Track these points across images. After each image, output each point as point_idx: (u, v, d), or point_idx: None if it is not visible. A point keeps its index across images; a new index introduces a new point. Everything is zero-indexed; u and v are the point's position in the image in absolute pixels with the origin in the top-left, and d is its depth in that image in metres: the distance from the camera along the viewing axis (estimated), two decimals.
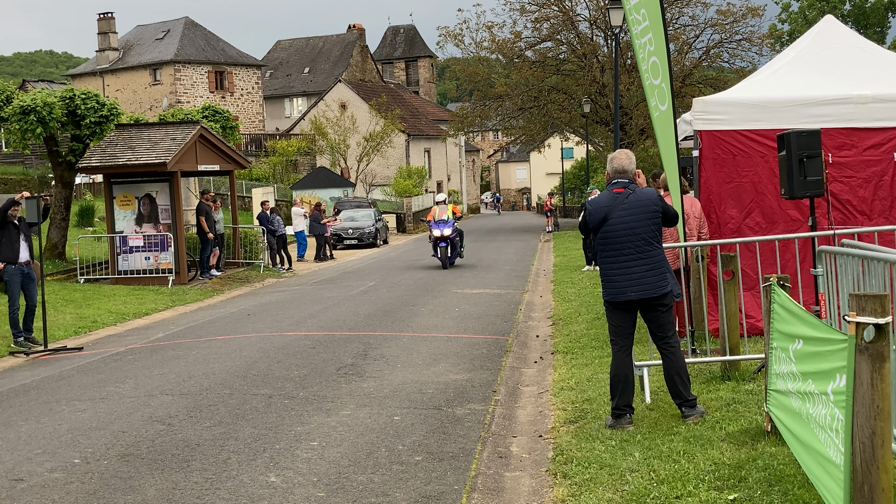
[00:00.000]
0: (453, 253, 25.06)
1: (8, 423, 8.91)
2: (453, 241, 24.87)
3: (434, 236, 24.74)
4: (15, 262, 13.84)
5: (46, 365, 12.46)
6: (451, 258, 24.94)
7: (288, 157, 57.55)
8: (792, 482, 5.64)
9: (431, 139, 73.44)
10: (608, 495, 5.93)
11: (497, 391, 9.57)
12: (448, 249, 24.73)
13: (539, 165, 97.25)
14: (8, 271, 13.86)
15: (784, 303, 5.98)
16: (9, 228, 13.84)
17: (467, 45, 50.79)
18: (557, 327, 13.76)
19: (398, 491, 6.38)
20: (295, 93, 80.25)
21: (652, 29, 9.11)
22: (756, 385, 8.21)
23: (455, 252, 25.20)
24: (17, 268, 13.89)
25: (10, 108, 22.69)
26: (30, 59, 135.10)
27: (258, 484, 6.61)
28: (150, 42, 70.15)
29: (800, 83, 10.80)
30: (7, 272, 13.87)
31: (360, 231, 38.48)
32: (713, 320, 10.02)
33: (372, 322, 14.87)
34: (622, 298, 7.39)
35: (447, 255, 24.65)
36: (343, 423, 8.30)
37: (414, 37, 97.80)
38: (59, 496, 6.50)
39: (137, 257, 22.30)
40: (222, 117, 28.95)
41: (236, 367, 11.27)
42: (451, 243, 24.77)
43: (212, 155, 23.92)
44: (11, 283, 13.90)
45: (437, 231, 24.44)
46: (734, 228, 10.73)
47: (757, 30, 46.61)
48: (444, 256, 24.61)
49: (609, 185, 7.59)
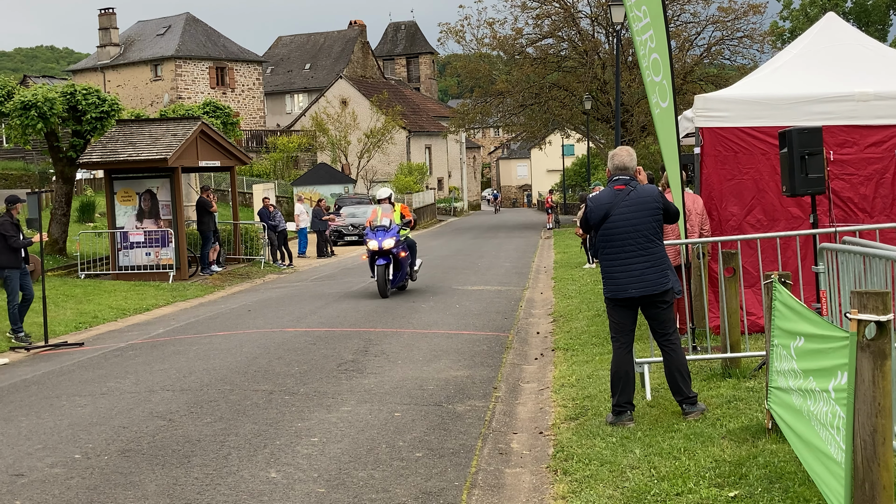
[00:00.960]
0: (398, 274, 17.92)
1: (8, 418, 8.91)
2: (398, 258, 17.78)
3: (369, 249, 17.76)
4: (20, 266, 13.92)
5: (47, 360, 12.46)
6: (393, 281, 17.81)
7: (289, 153, 57.58)
8: (793, 479, 5.63)
9: (432, 136, 73.47)
10: (609, 492, 5.92)
11: (498, 388, 9.57)
12: (390, 269, 17.63)
13: (540, 162, 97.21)
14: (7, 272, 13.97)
15: (785, 300, 5.97)
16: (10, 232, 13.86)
17: (468, 41, 50.85)
18: (558, 324, 13.76)
19: (399, 487, 6.38)
20: (296, 89, 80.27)
21: (653, 26, 9.10)
22: (757, 382, 8.20)
23: (401, 273, 18.03)
24: None
25: (11, 103, 22.68)
26: (31, 54, 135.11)
27: (259, 480, 6.61)
28: (151, 38, 70.17)
29: (801, 80, 10.79)
30: (6, 272, 13.96)
31: (360, 228, 38.49)
32: (714, 317, 10.02)
33: (372, 318, 14.87)
34: (623, 295, 7.38)
35: (386, 277, 17.44)
36: (343, 419, 8.30)
37: (415, 33, 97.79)
38: (60, 491, 6.50)
39: (138, 253, 22.30)
40: (223, 113, 28.94)
41: (237, 363, 11.27)
42: (394, 260, 17.75)
43: (213, 151, 23.91)
44: (12, 279, 13.92)
45: (372, 242, 17.50)
46: (735, 225, 10.72)
47: (758, 27, 46.67)
48: (383, 279, 17.35)
49: (610, 181, 7.58)
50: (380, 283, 17.39)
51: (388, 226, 17.70)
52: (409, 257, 18.30)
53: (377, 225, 17.79)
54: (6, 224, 13.85)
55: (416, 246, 19.09)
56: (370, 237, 17.70)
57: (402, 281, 18.26)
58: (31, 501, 6.33)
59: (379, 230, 17.68)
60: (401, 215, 18.13)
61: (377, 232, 17.67)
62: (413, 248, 18.55)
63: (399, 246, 17.71)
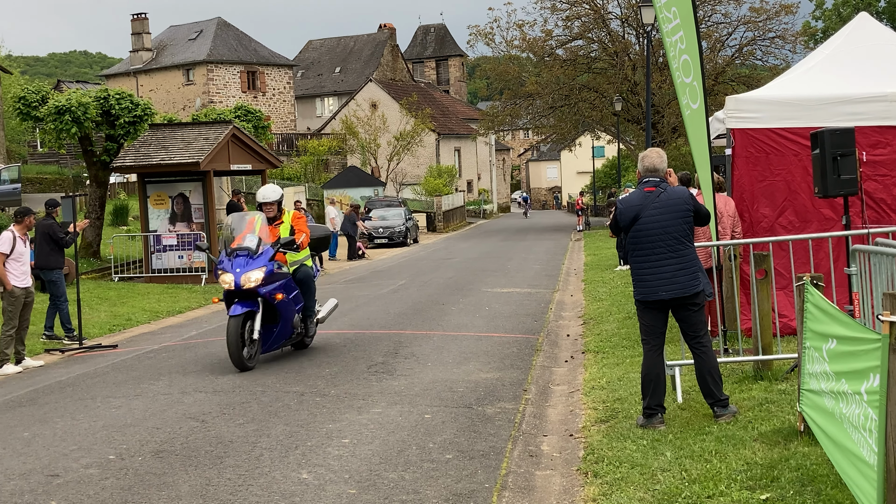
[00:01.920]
0: (275, 330, 11.35)
1: (44, 419, 9.03)
2: (270, 304, 11.13)
3: (224, 289, 11.26)
4: (62, 266, 14.29)
5: (81, 362, 12.60)
6: (267, 343, 11.36)
7: (319, 156, 57.77)
8: (825, 482, 5.60)
9: (462, 138, 73.48)
10: (639, 494, 5.91)
11: (527, 390, 9.57)
12: (256, 322, 11.04)
13: (570, 164, 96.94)
14: (56, 273, 14.34)
15: (817, 302, 5.94)
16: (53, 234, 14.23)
17: (498, 43, 50.75)
18: (588, 326, 13.73)
19: (429, 489, 6.41)
20: (326, 92, 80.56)
21: (683, 27, 9.08)
22: (789, 385, 8.15)
23: (280, 329, 11.40)
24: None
25: (46, 108, 22.96)
26: (64, 59, 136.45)
27: (290, 481, 6.65)
28: (183, 42, 70.70)
29: (833, 81, 10.70)
30: (56, 273, 14.32)
31: (390, 230, 38.61)
32: (746, 320, 9.96)
33: (402, 321, 14.91)
34: (653, 298, 7.36)
35: (244, 335, 10.87)
36: (374, 420, 8.34)
37: (444, 36, 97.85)
38: (95, 492, 6.58)
39: (171, 256, 22.51)
40: (254, 117, 29.14)
41: (268, 364, 11.34)
42: (265, 307, 11.13)
43: (244, 154, 24.08)
44: (59, 283, 14.33)
45: (226, 276, 11.03)
46: (767, 227, 10.65)
47: (790, 27, 46.25)
48: (236, 340, 10.72)
49: (640, 183, 7.57)
50: (231, 347, 10.74)
51: (255, 249, 11.10)
52: (298, 301, 11.69)
53: (240, 246, 11.18)
54: (54, 226, 14.26)
55: (314, 280, 12.21)
56: (224, 266, 11.13)
57: (286, 341, 11.68)
58: (66, 501, 6.41)
59: (239, 253, 11.12)
60: (291, 229, 11.57)
61: (237, 257, 11.11)
62: (308, 283, 11.85)
63: (275, 284, 11.18)
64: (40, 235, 14.21)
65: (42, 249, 14.19)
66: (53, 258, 14.25)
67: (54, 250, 14.21)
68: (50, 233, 14.16)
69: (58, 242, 14.15)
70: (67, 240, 14.24)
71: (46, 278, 14.34)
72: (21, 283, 12.37)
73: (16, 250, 12.30)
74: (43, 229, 14.24)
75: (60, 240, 14.16)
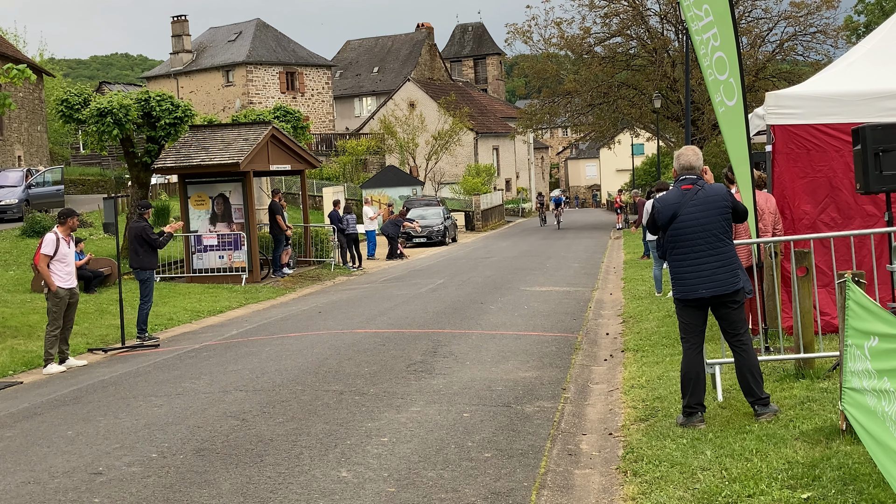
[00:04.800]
0: None
1: (87, 417, 9.15)
2: None
3: None
4: (156, 266, 14.60)
5: (124, 361, 12.75)
6: None
7: (357, 156, 58.04)
8: (867, 481, 5.54)
9: (500, 137, 73.43)
10: (679, 493, 5.88)
11: (566, 389, 9.55)
12: None
13: (609, 162, 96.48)
14: (148, 273, 14.64)
15: (859, 299, 5.88)
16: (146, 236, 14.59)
17: (536, 41, 50.67)
18: (628, 325, 13.67)
19: (468, 487, 6.42)
20: (364, 92, 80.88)
21: (717, 24, 8.99)
22: (831, 383, 8.07)
23: None
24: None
25: (88, 110, 23.23)
26: (106, 61, 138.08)
27: (330, 479, 6.69)
28: (222, 44, 71.31)
29: (875, 76, 10.56)
30: (148, 273, 14.61)
31: (429, 229, 38.67)
32: (787, 317, 9.87)
33: (441, 320, 14.93)
34: (693, 296, 7.31)
35: None
36: (413, 419, 8.36)
37: (482, 34, 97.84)
38: (137, 489, 6.67)
39: (212, 256, 22.69)
40: (293, 117, 29.29)
41: (308, 363, 11.41)
42: None
43: (283, 155, 24.22)
44: (149, 283, 14.61)
45: None
46: (808, 224, 10.54)
47: (832, 22, 45.71)
48: None
49: (676, 181, 7.52)
50: None
51: None
52: None
53: None
54: (146, 227, 14.55)
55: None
56: None
57: None
58: (109, 499, 6.50)
59: None
60: None
61: None
62: None
63: None
64: (133, 237, 14.48)
65: (135, 251, 14.43)
66: (147, 259, 14.55)
67: (148, 251, 14.50)
68: (143, 234, 14.44)
69: (151, 244, 14.41)
70: (161, 241, 14.52)
71: (139, 278, 14.58)
72: (65, 284, 12.54)
73: (59, 251, 12.47)
74: (135, 231, 14.49)
75: (154, 241, 14.44)
